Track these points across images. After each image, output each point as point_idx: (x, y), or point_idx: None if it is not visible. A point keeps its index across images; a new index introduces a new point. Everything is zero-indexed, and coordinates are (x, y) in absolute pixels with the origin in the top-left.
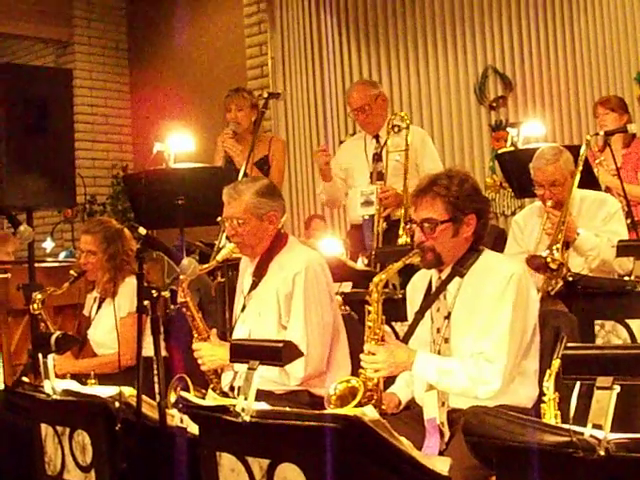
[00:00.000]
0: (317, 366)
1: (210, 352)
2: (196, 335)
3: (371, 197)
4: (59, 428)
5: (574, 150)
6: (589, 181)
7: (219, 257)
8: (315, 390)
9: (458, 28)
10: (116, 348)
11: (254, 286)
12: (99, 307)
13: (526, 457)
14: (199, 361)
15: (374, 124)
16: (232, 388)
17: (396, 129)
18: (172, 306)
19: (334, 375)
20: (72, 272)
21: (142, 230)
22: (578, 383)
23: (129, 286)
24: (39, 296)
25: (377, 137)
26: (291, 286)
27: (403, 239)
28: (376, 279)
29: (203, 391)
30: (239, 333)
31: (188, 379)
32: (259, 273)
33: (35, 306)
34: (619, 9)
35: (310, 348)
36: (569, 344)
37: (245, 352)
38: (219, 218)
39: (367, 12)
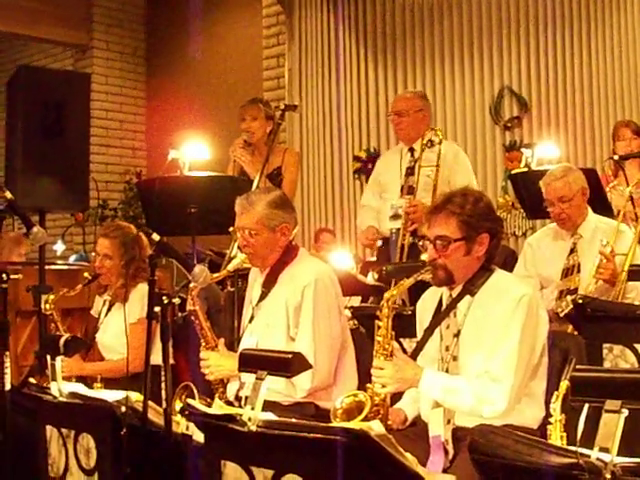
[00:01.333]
0: (324, 379)
1: (218, 362)
2: (204, 344)
3: (399, 210)
4: (64, 430)
5: (588, 173)
6: (602, 205)
7: (230, 267)
8: (321, 403)
9: (475, 47)
10: (124, 353)
11: (263, 297)
12: (108, 311)
13: (532, 478)
14: (206, 370)
15: (407, 134)
16: (238, 398)
17: (429, 144)
18: (179, 314)
19: (341, 388)
20: (86, 274)
21: (156, 236)
22: (586, 405)
23: (140, 292)
24: (52, 296)
25: (412, 150)
26: (300, 298)
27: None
28: (387, 295)
29: (208, 400)
30: (247, 344)
31: (194, 387)
32: (269, 284)
33: (47, 306)
34: (637, 32)
35: (317, 360)
36: (578, 366)
37: (254, 362)
38: (231, 228)
39: (385, 28)
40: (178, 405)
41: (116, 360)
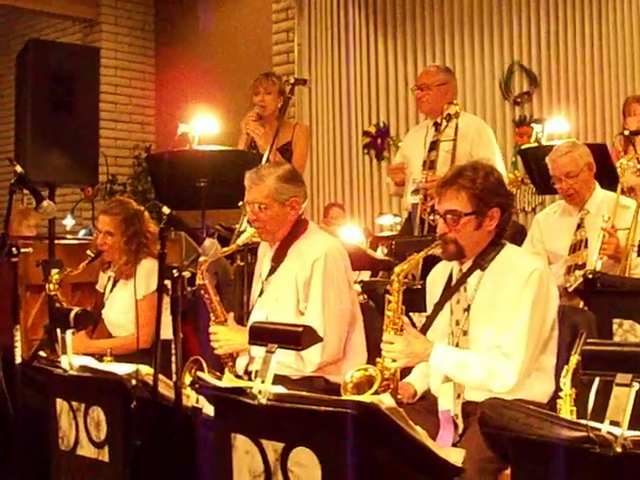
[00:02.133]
0: (333, 353)
1: (227, 336)
2: (213, 318)
3: (420, 185)
4: (74, 404)
5: (597, 148)
6: (610, 181)
7: (239, 241)
8: (331, 377)
9: (485, 22)
10: (130, 329)
11: (272, 271)
12: (113, 287)
13: (542, 451)
14: (215, 344)
15: (430, 108)
16: (247, 372)
17: (448, 117)
18: (189, 288)
19: (350, 362)
20: (89, 252)
21: (166, 209)
22: (597, 379)
23: (145, 268)
24: (56, 276)
25: (436, 125)
26: (310, 272)
27: None
28: (397, 269)
29: (217, 374)
30: (256, 318)
31: (203, 361)
32: (278, 258)
33: (51, 287)
34: None
35: (327, 335)
36: (589, 340)
37: (264, 335)
38: (240, 202)
39: (395, 3)
40: (188, 379)
41: (123, 337)
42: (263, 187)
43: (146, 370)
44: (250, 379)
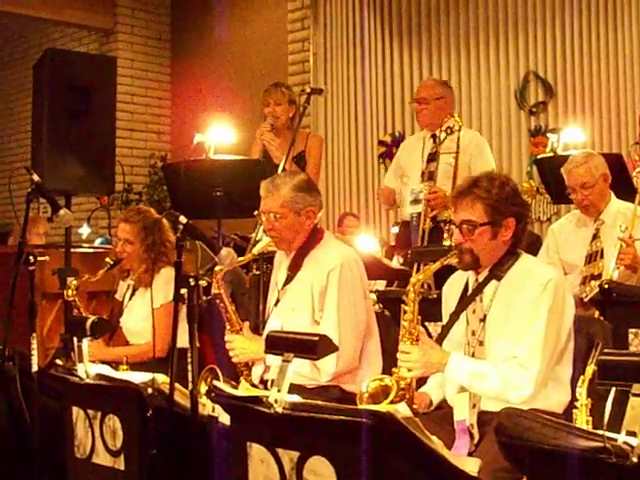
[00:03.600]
0: (348, 363)
1: (242, 345)
2: (229, 327)
3: (420, 195)
4: (90, 412)
5: (613, 158)
6: (626, 191)
7: (255, 250)
8: (346, 386)
9: (501, 31)
10: (147, 337)
11: (289, 280)
12: (132, 295)
13: (558, 461)
14: (231, 353)
15: (428, 121)
16: (263, 381)
17: (449, 131)
18: (204, 297)
19: (366, 371)
20: (108, 260)
21: (183, 218)
22: (613, 389)
23: (163, 277)
24: (74, 282)
25: (434, 137)
26: (325, 282)
27: (447, 242)
28: (413, 279)
29: (233, 383)
30: (272, 327)
31: (219, 370)
32: (294, 268)
33: (69, 292)
34: None
35: (342, 344)
36: (605, 350)
37: (280, 344)
38: (256, 212)
39: (410, 12)
40: (203, 388)
41: (138, 345)
42: (278, 196)
43: (162, 379)
44: (266, 388)
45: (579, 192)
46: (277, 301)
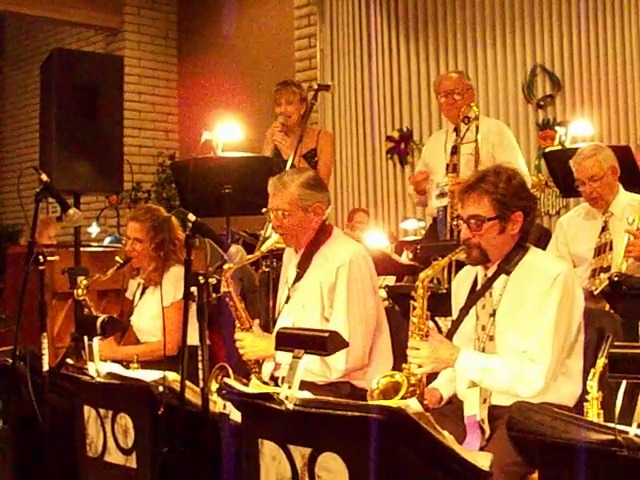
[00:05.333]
0: (358, 359)
1: (252, 343)
2: (238, 325)
3: (445, 189)
4: (102, 411)
5: (621, 150)
6: (634, 183)
7: (264, 247)
8: (357, 382)
9: (508, 26)
10: (158, 336)
11: (298, 278)
12: (142, 294)
13: (570, 454)
14: (241, 351)
15: (453, 114)
16: (273, 378)
17: (466, 120)
18: (214, 294)
19: (376, 367)
20: (118, 259)
21: (192, 216)
22: (624, 382)
23: (173, 275)
24: (84, 282)
25: (457, 130)
26: (334, 278)
27: None
28: (422, 275)
29: (244, 380)
30: (283, 324)
31: (229, 368)
32: (303, 265)
33: (80, 291)
34: None
35: (352, 341)
36: (616, 343)
37: (291, 341)
38: (265, 209)
39: (417, 7)
40: (214, 386)
41: (149, 344)
42: (286, 194)
43: (173, 377)
44: (276, 385)
45: (587, 184)
46: (288, 298)
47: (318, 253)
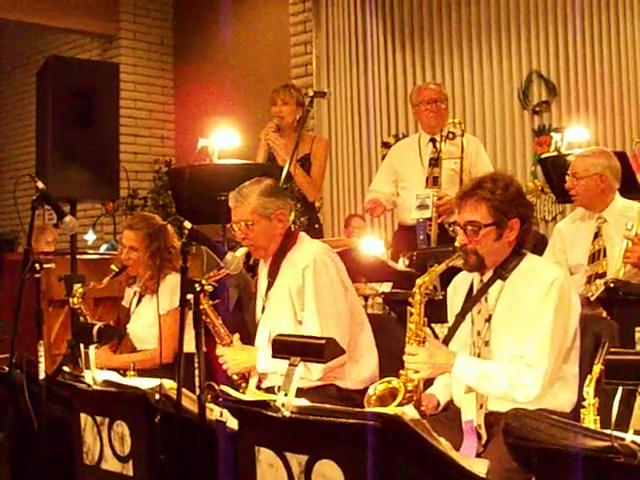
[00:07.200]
0: None
1: (233, 356)
2: (218, 341)
3: (427, 201)
4: (98, 418)
5: (617, 156)
6: (630, 189)
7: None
8: (342, 383)
9: (503, 32)
10: (154, 344)
11: (269, 286)
12: (139, 302)
13: (567, 461)
14: (224, 366)
15: (438, 123)
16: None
17: (451, 136)
18: (210, 301)
19: (361, 364)
20: (113, 267)
21: (187, 224)
22: (620, 388)
23: (169, 283)
24: (79, 290)
25: (433, 141)
26: (301, 280)
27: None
28: (419, 281)
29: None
30: (261, 335)
31: (216, 386)
32: (273, 273)
33: (75, 300)
34: None
35: None
36: (612, 349)
37: (287, 348)
38: (228, 224)
39: (412, 14)
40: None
41: (145, 351)
42: (247, 204)
43: (170, 384)
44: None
45: (570, 179)
46: (263, 308)
47: (285, 260)
